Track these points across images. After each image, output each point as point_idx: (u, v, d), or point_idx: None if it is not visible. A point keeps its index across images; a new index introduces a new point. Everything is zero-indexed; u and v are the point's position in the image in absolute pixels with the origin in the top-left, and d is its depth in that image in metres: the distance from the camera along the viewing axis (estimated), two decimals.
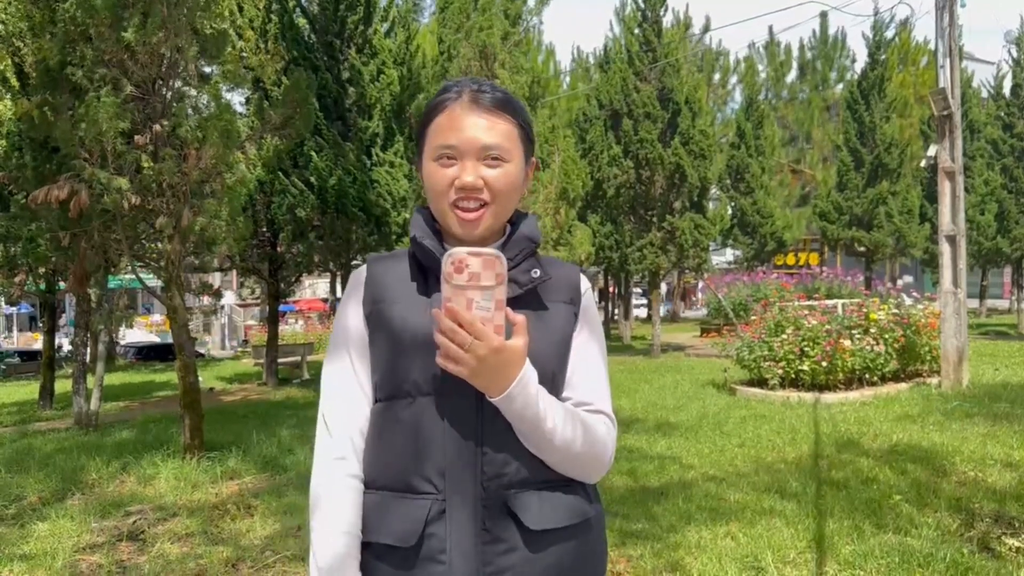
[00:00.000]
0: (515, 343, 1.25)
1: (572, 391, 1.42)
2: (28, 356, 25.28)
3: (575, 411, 1.36)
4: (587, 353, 1.45)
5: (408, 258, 1.45)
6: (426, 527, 1.31)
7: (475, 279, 1.21)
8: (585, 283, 1.50)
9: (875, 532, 4.57)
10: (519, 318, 1.27)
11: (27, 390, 16.98)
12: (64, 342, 24.02)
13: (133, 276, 9.36)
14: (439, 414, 1.33)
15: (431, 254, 1.37)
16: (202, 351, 27.70)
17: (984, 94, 29.78)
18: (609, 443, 1.40)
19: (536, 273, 1.40)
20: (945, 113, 10.14)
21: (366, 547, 1.36)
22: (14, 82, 11.72)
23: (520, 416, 1.29)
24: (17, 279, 13.19)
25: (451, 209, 1.37)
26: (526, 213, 1.51)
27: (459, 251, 1.22)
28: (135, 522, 5.61)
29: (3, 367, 24.44)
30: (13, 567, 4.67)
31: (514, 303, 1.32)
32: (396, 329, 1.37)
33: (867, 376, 10.29)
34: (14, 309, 39.74)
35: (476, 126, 1.36)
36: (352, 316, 1.44)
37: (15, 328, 44.56)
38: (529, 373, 1.28)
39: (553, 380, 1.38)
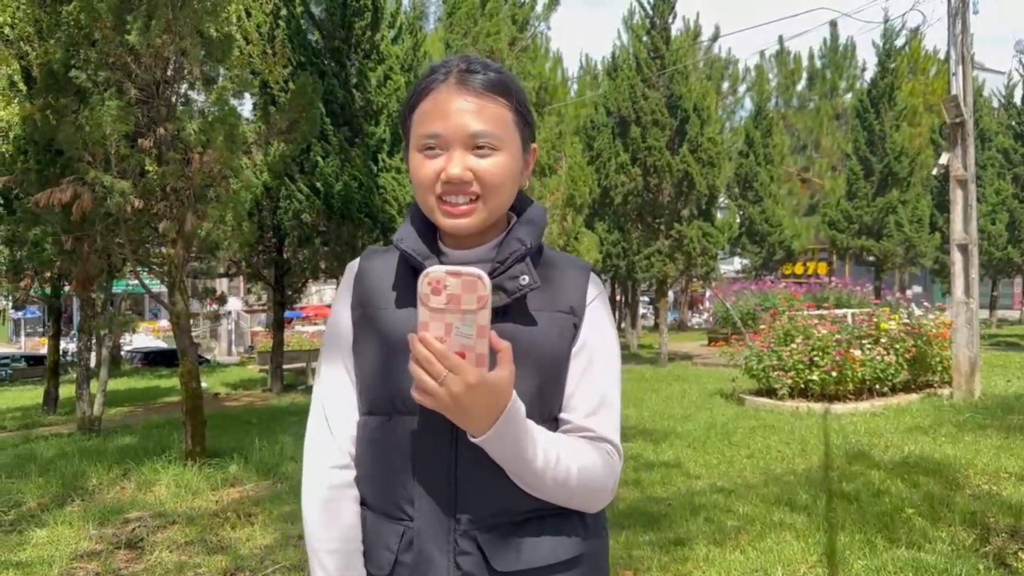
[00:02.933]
0: (498, 376, 1.09)
1: (571, 414, 1.26)
2: (35, 360, 25.34)
3: (570, 444, 1.21)
4: (591, 370, 1.28)
5: (399, 257, 1.31)
6: (398, 555, 1.22)
7: (455, 302, 1.07)
8: (594, 289, 1.32)
9: (888, 546, 4.46)
10: (503, 345, 1.10)
11: (32, 394, 16.98)
12: (71, 347, 24.06)
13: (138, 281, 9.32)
14: (413, 437, 1.21)
15: (415, 259, 1.24)
16: (208, 356, 27.71)
17: (995, 103, 29.68)
18: (610, 476, 1.24)
19: (524, 280, 1.22)
20: (957, 121, 10.04)
21: None
22: (22, 86, 11.75)
23: (505, 456, 1.15)
24: (23, 283, 13.19)
25: (438, 204, 1.22)
26: (531, 201, 1.35)
27: (437, 270, 1.08)
28: (134, 529, 5.53)
29: (9, 371, 24.50)
30: (9, 574, 4.60)
31: (500, 314, 1.18)
32: (377, 340, 1.25)
33: (877, 386, 10.17)
34: (21, 313, 39.87)
35: (463, 111, 1.20)
36: (342, 317, 1.32)
37: (23, 333, 44.71)
38: (514, 410, 1.13)
39: (541, 404, 1.23)
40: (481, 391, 1.08)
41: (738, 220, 25.81)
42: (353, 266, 1.36)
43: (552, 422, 1.24)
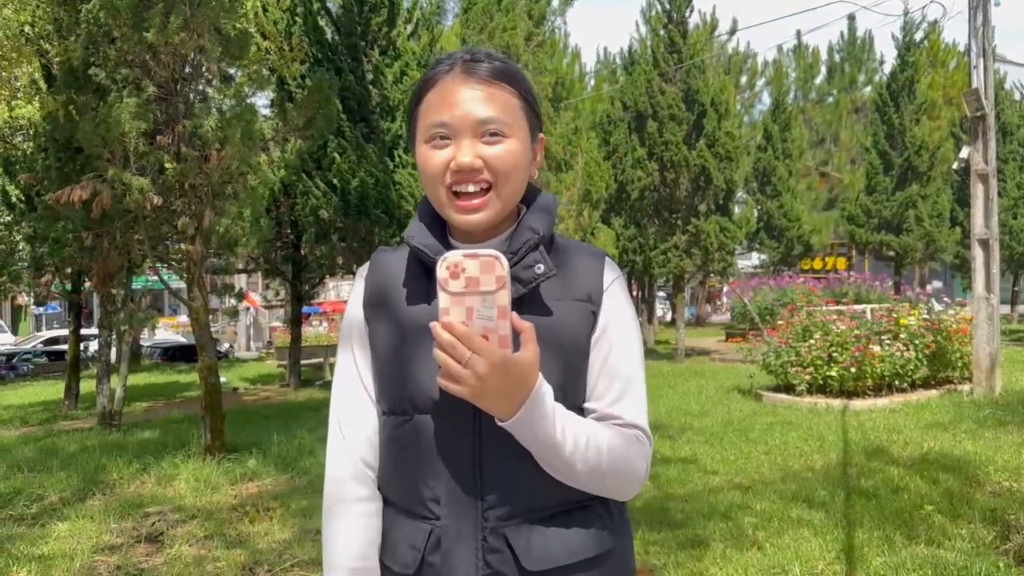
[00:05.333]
0: (523, 356, 1.09)
1: (597, 402, 1.24)
2: (56, 356, 25.53)
3: (600, 429, 1.20)
4: (613, 356, 1.25)
5: (409, 254, 1.29)
6: (424, 554, 1.20)
7: (474, 284, 1.07)
8: (611, 274, 1.30)
9: (906, 543, 4.44)
10: (525, 325, 1.10)
11: (53, 389, 17.12)
12: (91, 342, 24.27)
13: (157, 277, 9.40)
14: (435, 435, 1.20)
15: (426, 254, 1.23)
16: (224, 350, 27.87)
17: (1017, 96, 29.33)
18: (641, 461, 1.23)
19: (540, 269, 1.21)
20: (978, 114, 9.93)
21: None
22: (42, 84, 11.86)
23: (534, 440, 1.14)
24: (44, 279, 13.33)
25: (448, 196, 1.21)
26: (540, 191, 1.34)
27: (454, 255, 1.08)
28: (154, 523, 5.59)
29: (31, 366, 24.75)
30: (32, 567, 4.66)
31: (517, 305, 1.15)
32: (393, 340, 1.24)
33: (897, 383, 10.09)
34: (42, 309, 40.28)
35: (470, 99, 1.19)
36: (354, 318, 1.32)
37: (44, 328, 45.16)
38: (542, 391, 1.12)
39: (564, 393, 1.20)
40: (507, 371, 1.07)
41: (756, 215, 25.58)
42: (364, 269, 1.34)
43: (577, 412, 1.23)
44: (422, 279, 1.25)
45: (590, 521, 1.24)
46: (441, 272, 1.08)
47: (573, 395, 1.24)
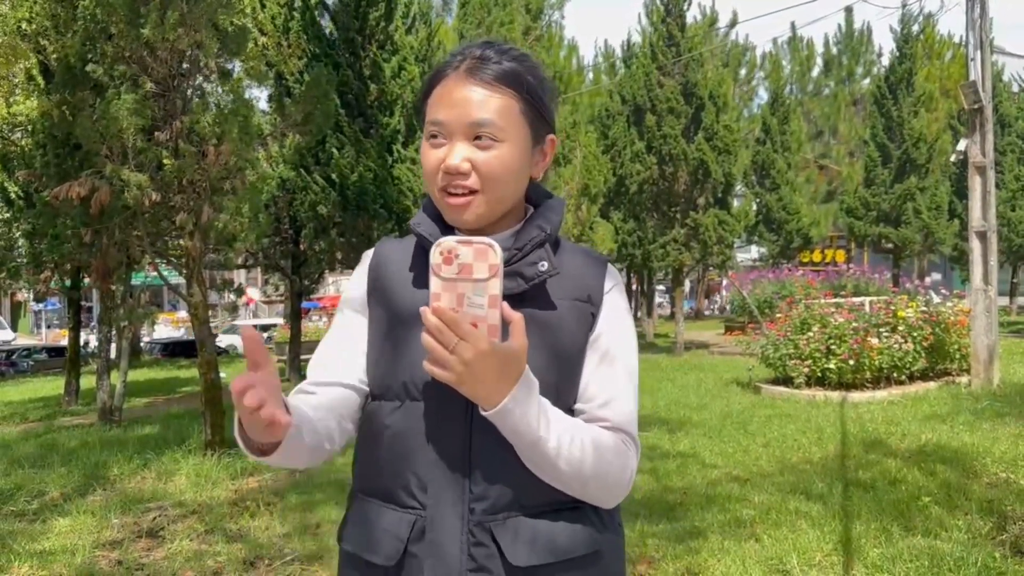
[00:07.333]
0: (510, 346, 1.08)
1: (586, 404, 1.24)
2: (55, 352, 25.56)
3: (586, 429, 1.19)
4: (607, 360, 1.26)
5: (415, 244, 1.31)
6: (408, 545, 1.19)
7: (466, 271, 1.07)
8: (612, 279, 1.31)
9: (903, 535, 4.46)
10: (515, 316, 1.09)
11: (53, 386, 17.15)
12: (91, 338, 24.30)
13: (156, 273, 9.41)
14: (426, 423, 1.20)
15: (428, 241, 1.22)
16: (224, 346, 27.88)
17: (1015, 88, 29.31)
18: (626, 467, 1.21)
19: (544, 266, 1.21)
20: (976, 106, 9.92)
21: (350, 557, 1.28)
22: (40, 80, 11.85)
23: (516, 432, 1.12)
24: (43, 276, 13.33)
25: (441, 195, 1.22)
26: (550, 193, 1.35)
27: (448, 240, 1.09)
28: (154, 519, 5.60)
29: (31, 363, 24.76)
30: (33, 563, 4.67)
31: (518, 300, 1.17)
32: (392, 324, 1.25)
33: (895, 375, 10.11)
34: (42, 306, 40.30)
35: (467, 101, 1.19)
36: (354, 298, 1.33)
37: (43, 325, 45.22)
38: (528, 383, 1.11)
39: (557, 392, 1.20)
40: (493, 359, 1.07)
41: (755, 208, 25.57)
42: (368, 254, 1.36)
43: (567, 412, 1.22)
44: (426, 267, 1.23)
45: (580, 521, 1.22)
46: (435, 257, 1.09)
47: (566, 395, 1.23)
